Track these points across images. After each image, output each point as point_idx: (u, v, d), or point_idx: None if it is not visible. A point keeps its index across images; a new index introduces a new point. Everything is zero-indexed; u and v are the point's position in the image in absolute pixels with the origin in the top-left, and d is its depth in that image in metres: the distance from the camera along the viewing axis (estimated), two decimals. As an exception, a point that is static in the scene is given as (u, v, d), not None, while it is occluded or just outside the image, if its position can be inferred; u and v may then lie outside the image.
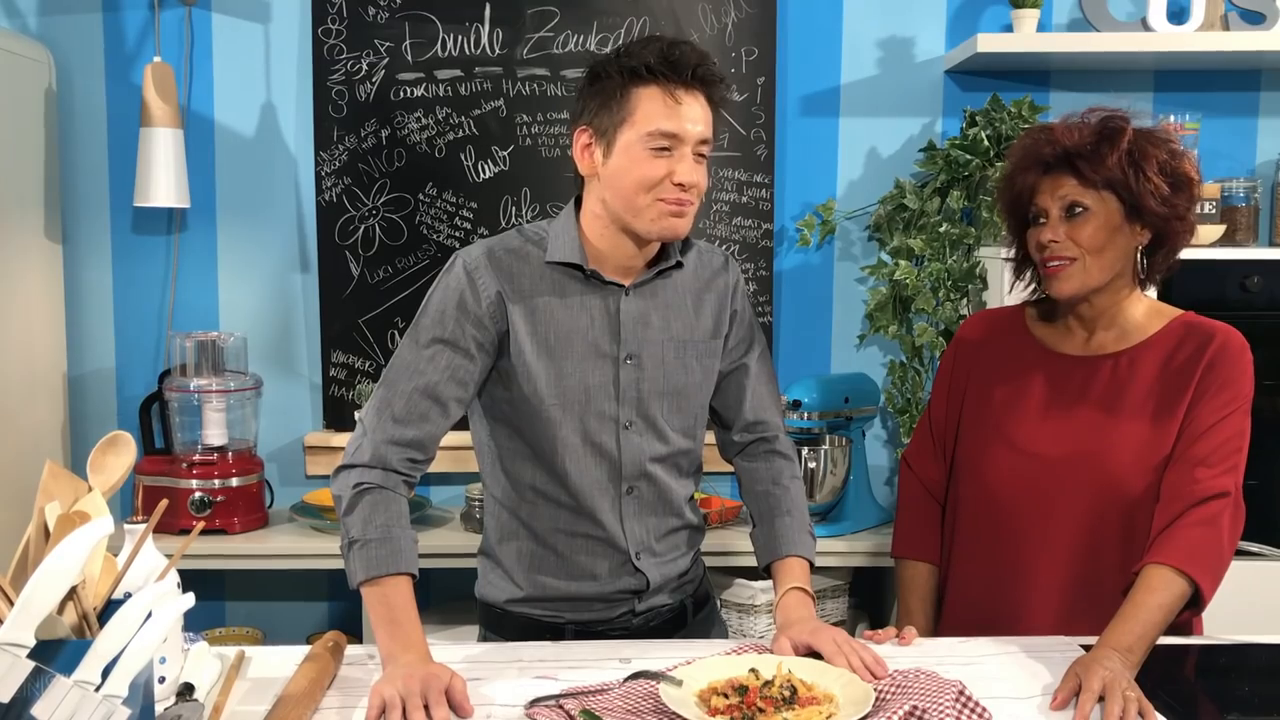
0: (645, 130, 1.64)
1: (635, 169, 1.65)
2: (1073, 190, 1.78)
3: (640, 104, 1.64)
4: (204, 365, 2.86)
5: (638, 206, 1.66)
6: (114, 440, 1.40)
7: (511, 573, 1.79)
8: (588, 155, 1.70)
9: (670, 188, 1.65)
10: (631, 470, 1.75)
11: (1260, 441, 2.72)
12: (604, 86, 1.67)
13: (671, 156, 1.64)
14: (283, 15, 2.99)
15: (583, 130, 1.70)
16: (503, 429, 1.76)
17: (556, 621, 1.77)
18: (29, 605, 1.08)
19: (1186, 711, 1.49)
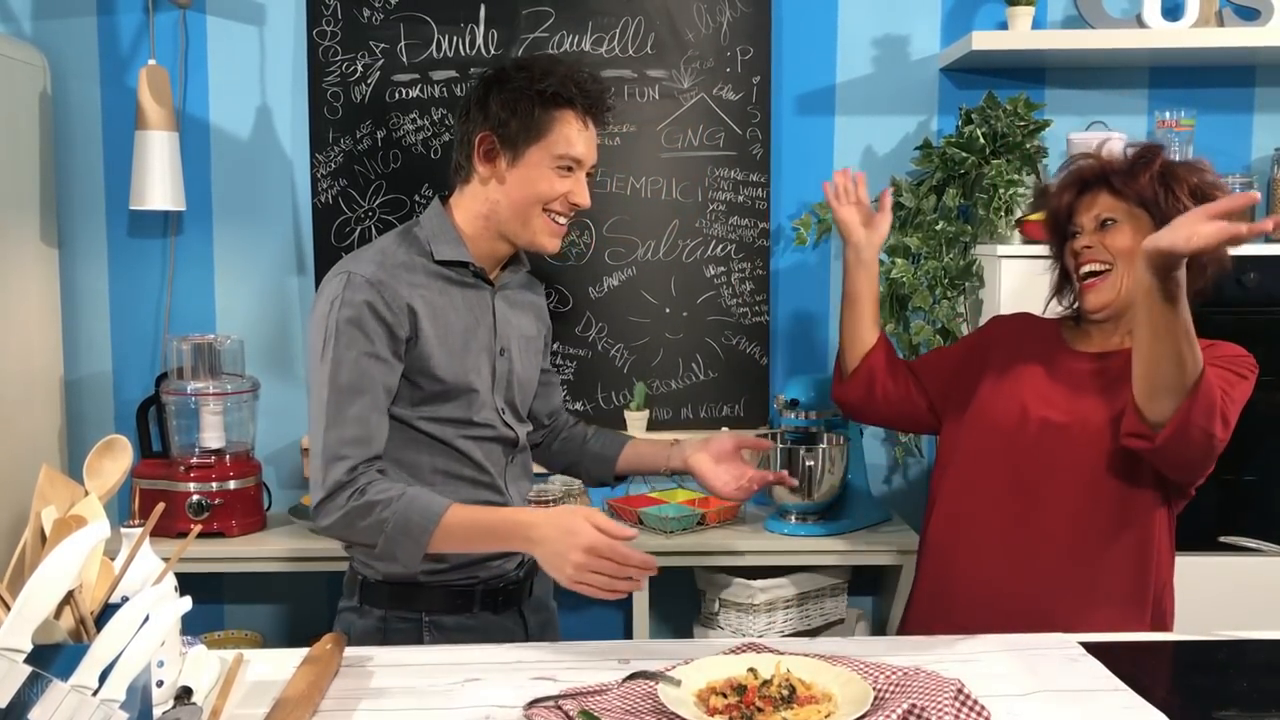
0: (556, 151, 1.81)
1: (539, 183, 1.82)
2: (1106, 205, 1.94)
3: (555, 126, 1.81)
4: (201, 368, 2.86)
5: (528, 217, 1.84)
6: (110, 444, 1.40)
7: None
8: (489, 160, 1.83)
9: (563, 204, 1.85)
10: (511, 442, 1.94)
11: (1259, 438, 2.73)
12: (515, 100, 1.80)
13: (571, 177, 1.84)
14: (277, 17, 2.99)
15: (487, 135, 1.83)
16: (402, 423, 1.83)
17: (470, 585, 1.88)
18: (26, 610, 1.08)
19: (1185, 708, 1.49)
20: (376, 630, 1.88)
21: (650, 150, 3.02)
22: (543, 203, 1.83)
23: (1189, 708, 1.51)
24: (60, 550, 1.10)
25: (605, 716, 1.35)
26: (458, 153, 1.90)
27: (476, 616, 1.89)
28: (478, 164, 1.84)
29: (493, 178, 1.84)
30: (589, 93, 1.83)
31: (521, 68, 1.83)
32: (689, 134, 3.02)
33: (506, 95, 1.81)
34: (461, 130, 1.87)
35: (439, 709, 1.44)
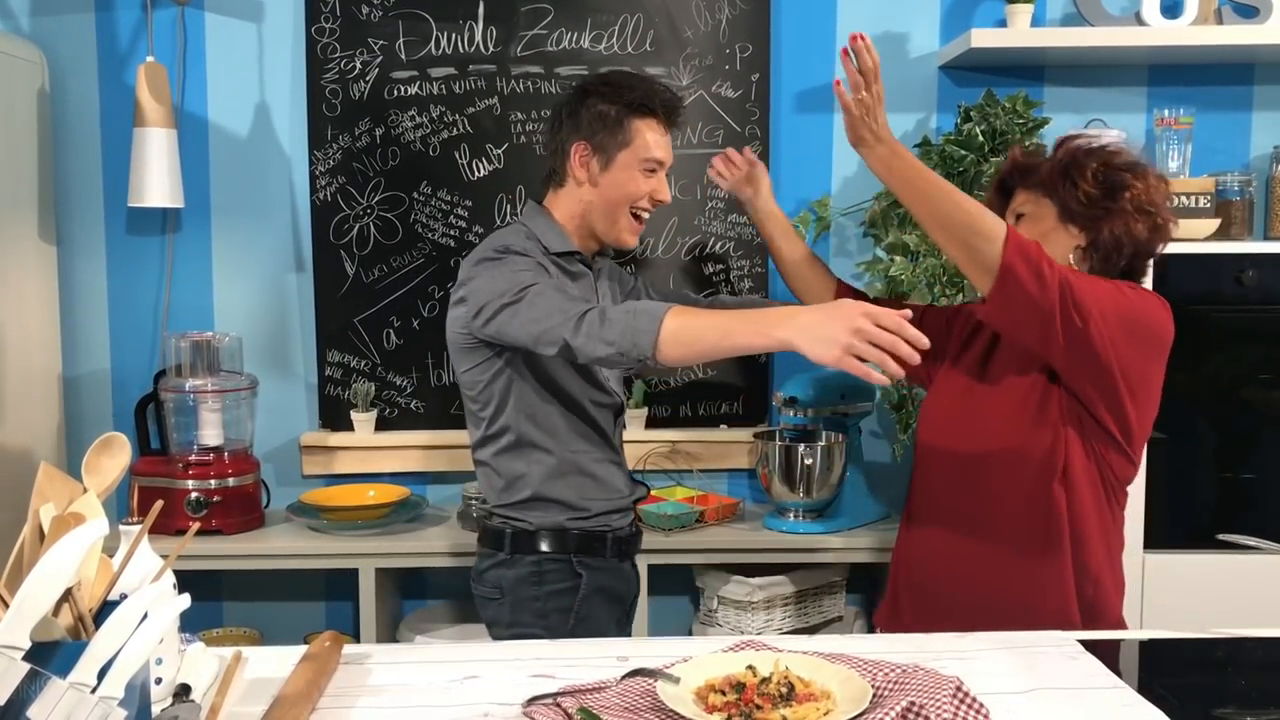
0: (642, 156, 2.07)
1: (628, 185, 2.08)
2: (1019, 201, 2.07)
3: (640, 133, 2.07)
4: (199, 365, 2.86)
5: (616, 216, 2.10)
6: (109, 441, 1.40)
7: (569, 501, 2.09)
8: (583, 166, 2.08)
9: (648, 201, 2.11)
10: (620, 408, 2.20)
11: (1258, 437, 2.74)
12: (603, 112, 2.06)
13: (654, 177, 2.10)
14: (276, 14, 2.99)
15: (582, 145, 2.08)
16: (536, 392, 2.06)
17: (603, 532, 2.11)
18: (24, 607, 1.08)
19: (1183, 706, 1.49)
20: (531, 575, 2.08)
21: (649, 148, 3.02)
22: (631, 202, 2.09)
23: (1188, 706, 1.51)
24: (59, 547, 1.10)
25: (604, 714, 1.35)
26: (551, 160, 2.16)
27: (608, 561, 2.12)
28: (574, 170, 2.09)
29: (586, 181, 2.09)
30: (668, 102, 2.09)
31: (608, 82, 2.10)
32: (688, 131, 3.01)
33: (597, 107, 2.06)
34: (553, 140, 2.14)
35: (438, 706, 1.44)
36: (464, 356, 2.08)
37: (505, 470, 2.11)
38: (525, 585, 2.08)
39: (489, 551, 2.14)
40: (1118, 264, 2.00)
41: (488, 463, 2.13)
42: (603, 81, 2.12)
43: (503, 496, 2.12)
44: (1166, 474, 2.68)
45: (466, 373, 2.09)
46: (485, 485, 2.16)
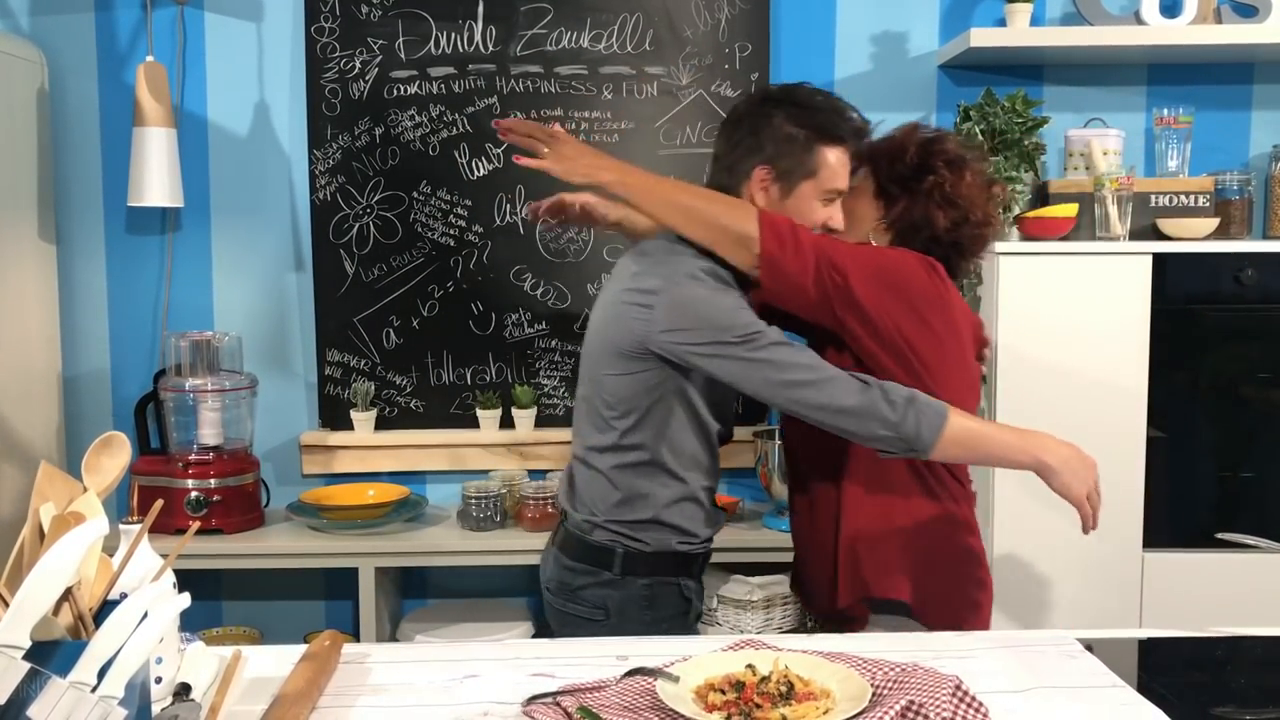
0: (826, 187, 1.92)
1: (808, 215, 1.92)
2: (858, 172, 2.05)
3: (826, 163, 1.91)
4: (199, 365, 2.86)
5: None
6: (108, 441, 1.40)
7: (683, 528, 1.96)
8: (764, 192, 1.92)
9: (823, 228, 1.95)
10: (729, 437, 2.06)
11: (1257, 435, 2.74)
12: (790, 135, 1.91)
13: (832, 205, 1.95)
14: (275, 14, 2.99)
15: (765, 169, 1.92)
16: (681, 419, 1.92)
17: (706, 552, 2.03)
18: (24, 606, 1.08)
19: (1183, 704, 1.49)
20: (642, 598, 1.95)
21: (648, 147, 3.02)
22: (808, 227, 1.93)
23: (1187, 705, 1.51)
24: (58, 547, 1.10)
25: (604, 713, 1.35)
26: (722, 174, 1.97)
27: (698, 583, 2.04)
28: (752, 193, 1.93)
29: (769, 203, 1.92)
30: (859, 129, 1.95)
31: (795, 101, 1.93)
32: (687, 131, 3.01)
33: (784, 130, 1.91)
34: (730, 155, 1.96)
35: (438, 705, 1.44)
36: (620, 360, 1.90)
37: (626, 486, 1.94)
38: (634, 607, 1.95)
39: (591, 569, 1.96)
40: (913, 247, 1.98)
41: (606, 473, 1.95)
42: (790, 100, 1.94)
43: (616, 512, 1.95)
44: (1165, 473, 2.69)
45: (615, 378, 1.91)
46: (592, 493, 1.97)
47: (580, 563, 1.97)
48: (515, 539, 2.81)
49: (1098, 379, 2.65)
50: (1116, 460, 2.66)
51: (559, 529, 2.06)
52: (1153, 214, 2.81)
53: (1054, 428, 2.63)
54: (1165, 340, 2.65)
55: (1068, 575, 2.68)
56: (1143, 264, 2.64)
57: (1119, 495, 2.67)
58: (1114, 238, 2.72)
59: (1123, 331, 2.65)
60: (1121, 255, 2.66)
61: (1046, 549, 2.67)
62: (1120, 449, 2.66)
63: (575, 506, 1.99)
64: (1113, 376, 2.65)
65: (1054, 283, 2.64)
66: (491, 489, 2.86)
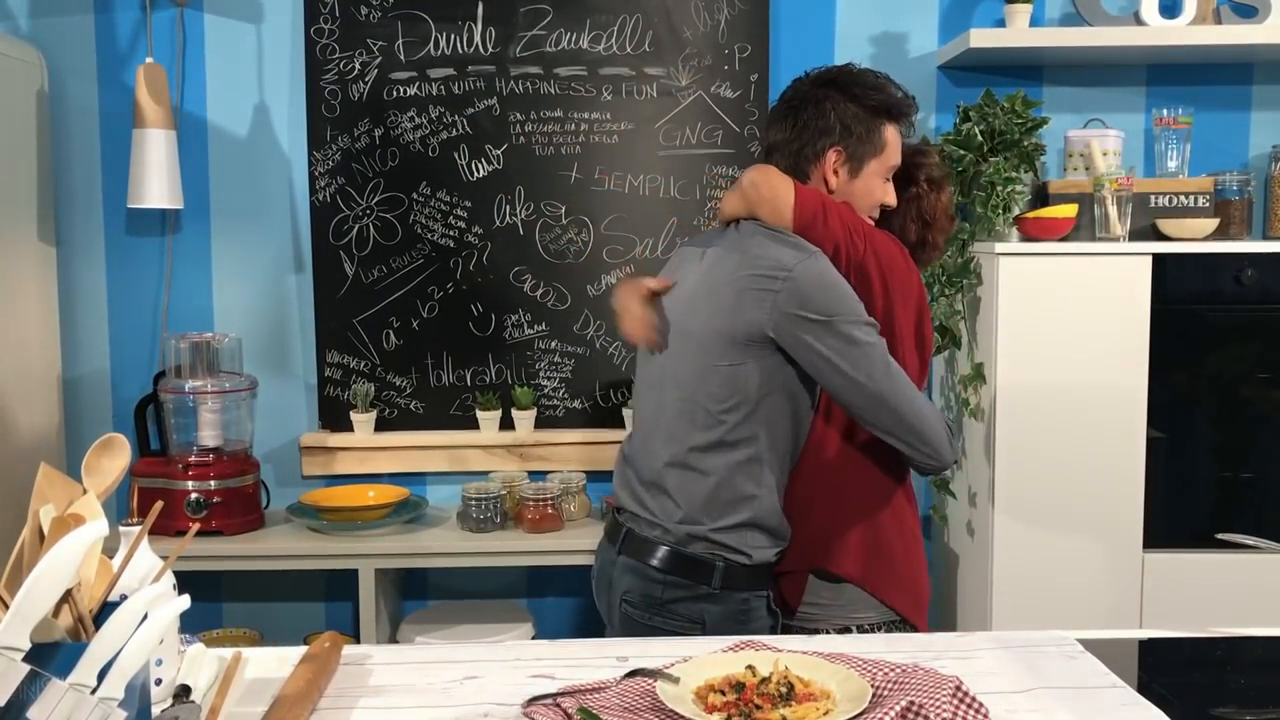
0: (889, 163, 1.96)
1: (875, 193, 1.97)
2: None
3: (889, 140, 1.95)
4: (199, 366, 2.86)
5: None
6: (108, 442, 1.40)
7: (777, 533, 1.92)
8: (835, 174, 1.94)
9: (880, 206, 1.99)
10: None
11: (1258, 436, 2.74)
12: (856, 114, 1.93)
13: (889, 184, 1.99)
14: (275, 15, 2.99)
15: (837, 150, 1.93)
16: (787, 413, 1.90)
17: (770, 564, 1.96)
18: (24, 608, 1.08)
19: (1182, 704, 1.49)
20: (739, 613, 1.89)
21: (648, 148, 3.02)
22: (875, 207, 1.99)
23: (1187, 705, 1.51)
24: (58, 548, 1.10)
25: (604, 714, 1.35)
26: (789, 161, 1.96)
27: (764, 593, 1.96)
28: (826, 175, 1.94)
29: (835, 189, 1.95)
30: (911, 106, 2.00)
31: (855, 82, 1.95)
32: (687, 132, 3.02)
33: (850, 110, 1.93)
34: (795, 142, 1.95)
35: (438, 706, 1.44)
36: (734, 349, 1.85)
37: (731, 486, 1.87)
38: (730, 624, 1.87)
39: (686, 582, 1.88)
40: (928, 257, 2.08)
41: (711, 473, 1.88)
42: (851, 81, 1.95)
43: (717, 517, 1.87)
44: (1165, 473, 2.69)
45: (729, 368, 1.85)
46: (693, 497, 1.89)
47: (674, 575, 1.88)
48: (515, 540, 2.81)
49: (1098, 379, 2.65)
50: (1116, 460, 2.66)
51: (625, 537, 1.95)
52: (1152, 214, 2.81)
53: (1054, 428, 2.64)
54: (1165, 341, 2.65)
55: (1068, 575, 2.68)
56: (1142, 264, 2.64)
57: (1119, 495, 2.67)
58: (1114, 238, 2.72)
59: (1122, 332, 2.65)
60: (1121, 256, 2.66)
61: (1046, 549, 2.67)
62: (1120, 449, 2.66)
63: (664, 515, 1.90)
64: (1113, 377, 2.65)
65: (1054, 283, 2.64)
66: (491, 490, 2.86)
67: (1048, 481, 2.66)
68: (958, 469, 2.88)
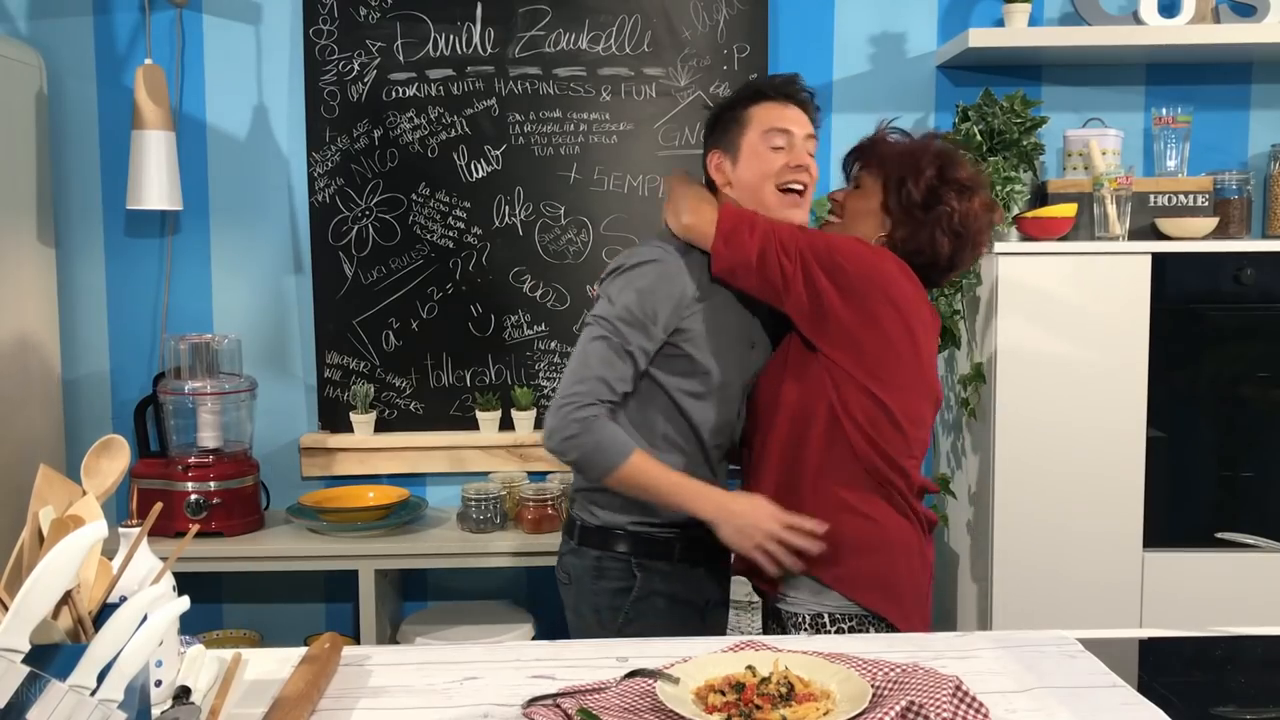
0: (764, 128, 2.01)
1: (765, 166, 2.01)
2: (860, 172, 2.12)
3: (755, 114, 2.03)
4: (198, 367, 2.86)
5: (761, 198, 2.02)
6: (108, 444, 1.40)
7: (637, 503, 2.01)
8: (720, 171, 2.06)
9: (790, 176, 2.01)
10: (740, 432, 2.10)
11: (1257, 435, 2.74)
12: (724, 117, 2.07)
13: (785, 151, 2.02)
14: (274, 16, 2.99)
15: (714, 152, 2.08)
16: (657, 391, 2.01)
17: (669, 537, 2.04)
18: (23, 610, 1.08)
19: (1183, 704, 1.49)
20: (593, 569, 2.06)
21: (647, 148, 3.02)
22: (766, 179, 2.02)
23: (1187, 704, 1.51)
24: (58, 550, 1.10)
25: (604, 715, 1.35)
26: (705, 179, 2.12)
27: (677, 565, 2.05)
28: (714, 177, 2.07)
29: (727, 184, 2.06)
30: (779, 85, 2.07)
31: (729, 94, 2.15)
32: (686, 132, 3.02)
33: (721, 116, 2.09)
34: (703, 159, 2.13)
35: (437, 707, 1.44)
36: None
37: None
38: (587, 577, 2.07)
39: (565, 538, 2.14)
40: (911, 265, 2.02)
41: None
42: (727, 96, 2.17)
43: (580, 475, 2.09)
44: (1165, 472, 2.69)
45: None
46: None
47: (563, 532, 2.15)
48: (515, 541, 2.81)
49: (1097, 379, 2.65)
50: (1116, 460, 2.66)
51: None
52: (1152, 214, 2.81)
53: (1054, 427, 2.64)
54: (1165, 340, 2.65)
55: (1068, 575, 2.68)
56: (1142, 264, 2.64)
57: (1119, 494, 2.67)
58: (1113, 237, 2.72)
59: (1122, 331, 2.65)
60: (1121, 255, 2.66)
61: (1046, 549, 2.67)
62: (1120, 448, 2.66)
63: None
64: (1112, 376, 2.65)
65: (1053, 283, 2.64)
66: (491, 491, 2.85)
67: (1047, 481, 2.66)
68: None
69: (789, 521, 1.88)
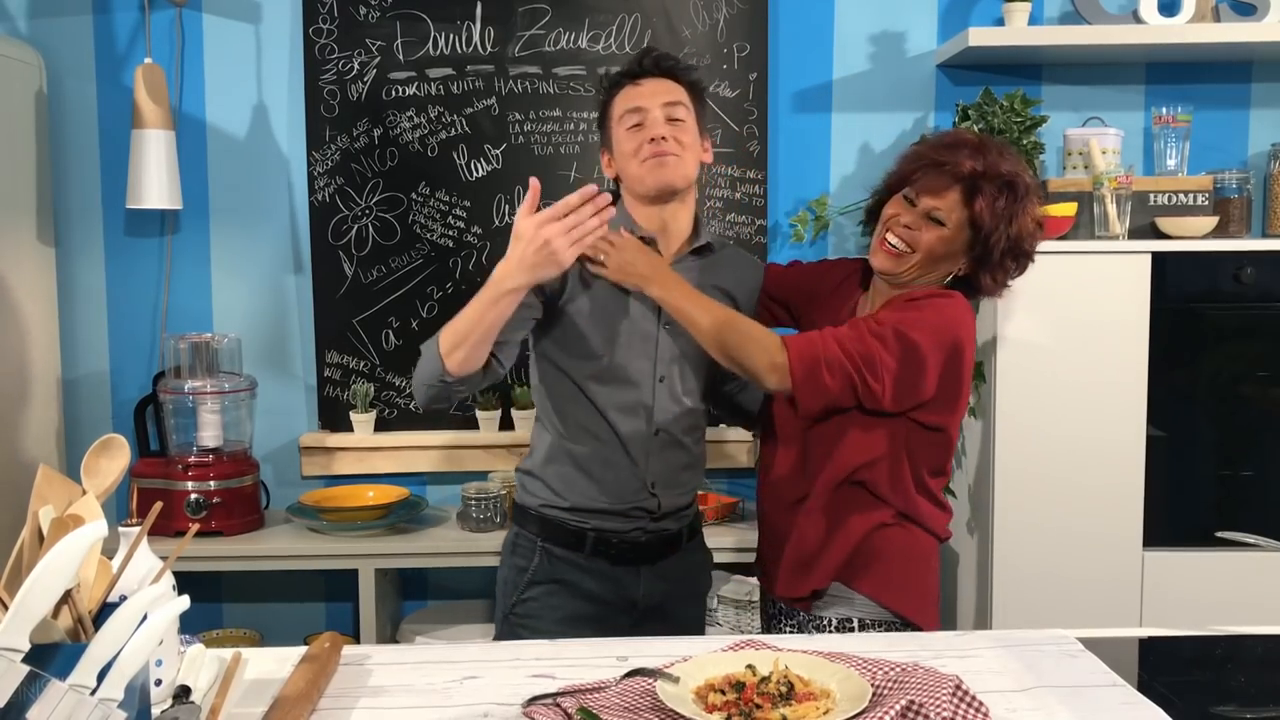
0: (621, 112, 2.01)
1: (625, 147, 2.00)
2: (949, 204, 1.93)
3: (614, 104, 2.03)
4: (198, 367, 2.86)
5: (630, 174, 2.00)
6: (107, 443, 1.40)
7: (552, 486, 2.05)
8: (610, 166, 2.07)
9: (647, 150, 1.97)
10: (661, 418, 2.04)
11: (1257, 434, 2.74)
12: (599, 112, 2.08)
13: (641, 129, 1.98)
14: (274, 15, 2.99)
15: (603, 152, 2.09)
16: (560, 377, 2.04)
17: (582, 527, 2.04)
18: (23, 609, 1.08)
19: (1183, 703, 1.49)
20: (510, 543, 2.12)
21: (647, 147, 3.02)
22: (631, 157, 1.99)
23: (1187, 703, 1.51)
24: (58, 549, 1.10)
25: (604, 714, 1.35)
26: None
27: (589, 559, 2.04)
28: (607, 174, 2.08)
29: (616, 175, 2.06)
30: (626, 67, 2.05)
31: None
32: (686, 131, 3.01)
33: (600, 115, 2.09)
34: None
35: (437, 707, 1.44)
36: None
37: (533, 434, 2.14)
38: (505, 551, 2.12)
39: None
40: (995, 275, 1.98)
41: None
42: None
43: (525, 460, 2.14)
44: (1165, 472, 2.69)
45: None
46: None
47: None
48: (515, 540, 2.80)
49: (1097, 378, 2.65)
50: (1116, 459, 2.66)
51: None
52: (1152, 213, 2.81)
53: (1054, 426, 2.64)
54: (1165, 339, 2.65)
55: (1068, 574, 2.68)
56: (1142, 263, 2.64)
57: (1119, 493, 2.67)
58: (1113, 237, 2.72)
59: (1122, 330, 2.65)
60: (1121, 254, 2.66)
61: (1046, 548, 2.67)
62: (1120, 447, 2.66)
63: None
64: (1112, 375, 2.65)
65: (1053, 282, 2.64)
66: (491, 490, 2.85)
67: (1047, 480, 2.66)
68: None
69: (551, 214, 1.79)
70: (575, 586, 2.04)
